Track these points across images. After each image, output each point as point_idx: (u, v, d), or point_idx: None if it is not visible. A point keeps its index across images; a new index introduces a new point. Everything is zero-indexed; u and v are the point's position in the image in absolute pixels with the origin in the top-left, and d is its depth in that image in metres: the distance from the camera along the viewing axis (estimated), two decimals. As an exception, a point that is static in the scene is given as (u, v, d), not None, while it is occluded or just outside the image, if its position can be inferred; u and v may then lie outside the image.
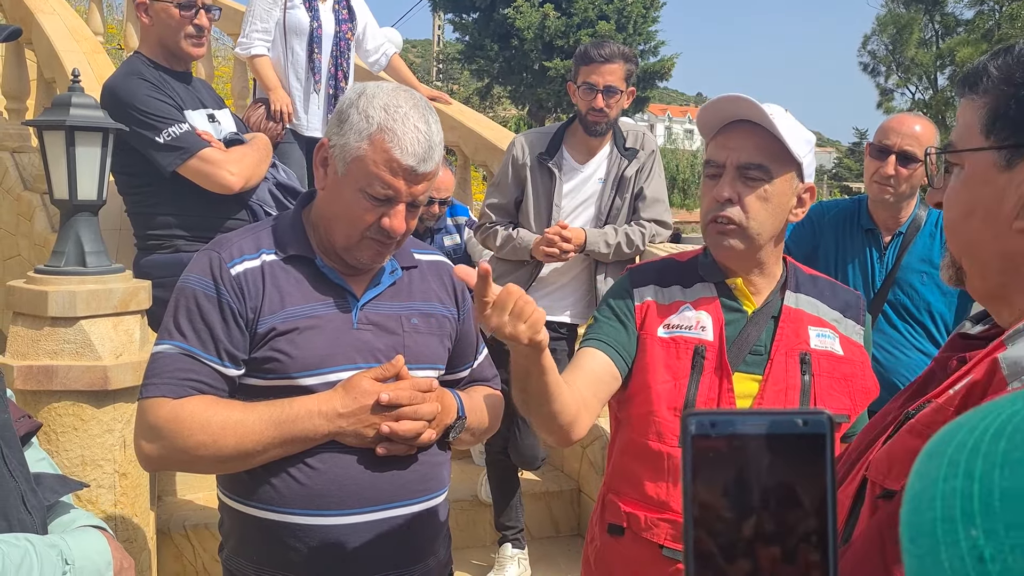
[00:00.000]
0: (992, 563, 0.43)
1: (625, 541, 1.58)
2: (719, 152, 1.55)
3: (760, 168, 1.52)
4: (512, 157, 3.23)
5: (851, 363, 1.59)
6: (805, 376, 1.54)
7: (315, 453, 1.52)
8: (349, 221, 1.55)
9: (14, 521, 1.16)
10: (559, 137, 3.22)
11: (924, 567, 0.46)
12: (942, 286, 2.68)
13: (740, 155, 1.52)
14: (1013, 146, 0.88)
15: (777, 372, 1.54)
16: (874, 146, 2.67)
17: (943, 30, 27.95)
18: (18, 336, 2.51)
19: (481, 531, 3.70)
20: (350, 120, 1.52)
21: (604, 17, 20.11)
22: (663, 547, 1.54)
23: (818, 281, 1.68)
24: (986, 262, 0.94)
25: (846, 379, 1.58)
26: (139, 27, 5.57)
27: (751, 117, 1.52)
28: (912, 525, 0.47)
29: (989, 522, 0.43)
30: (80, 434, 2.48)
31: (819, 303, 1.63)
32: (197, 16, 2.89)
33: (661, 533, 1.54)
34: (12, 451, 1.21)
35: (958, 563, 0.44)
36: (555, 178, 3.17)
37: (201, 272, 1.56)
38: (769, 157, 1.52)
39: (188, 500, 3.44)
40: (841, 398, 1.56)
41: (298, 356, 1.54)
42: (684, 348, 1.56)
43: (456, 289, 1.78)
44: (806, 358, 1.55)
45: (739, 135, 1.53)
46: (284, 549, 1.53)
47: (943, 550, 0.45)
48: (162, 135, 2.76)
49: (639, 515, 1.56)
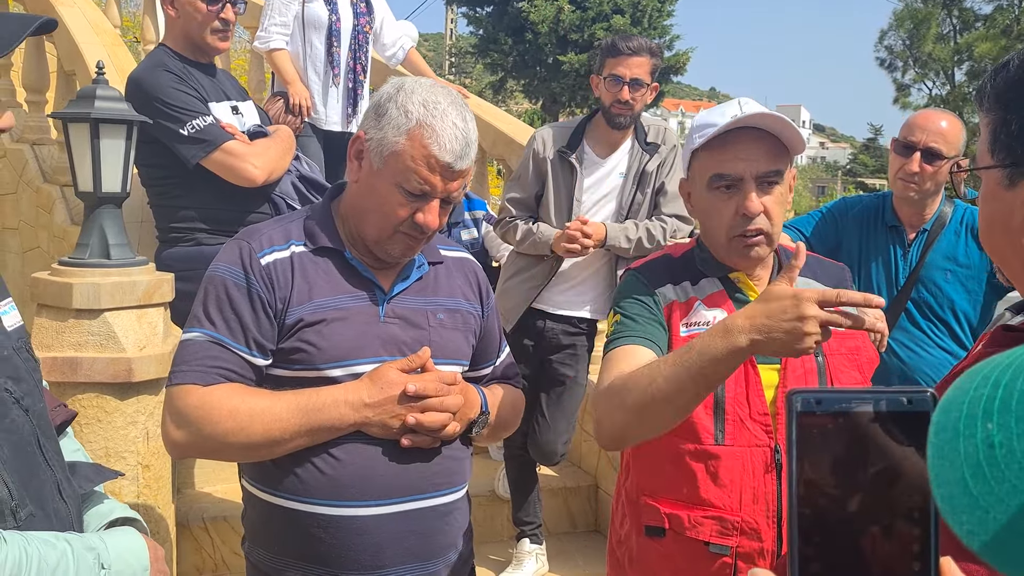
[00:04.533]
0: (1000, 448, 0.51)
1: (667, 542, 1.57)
2: (733, 165, 1.53)
3: (777, 173, 1.55)
4: (533, 151, 3.22)
5: (853, 336, 1.60)
6: (819, 358, 1.56)
7: (339, 444, 1.53)
8: (383, 215, 1.55)
9: (50, 511, 1.16)
10: (580, 131, 3.21)
11: (942, 455, 0.53)
12: (967, 284, 2.66)
13: (758, 165, 1.53)
14: (1012, 165, 0.90)
15: (794, 359, 1.54)
16: (899, 142, 2.65)
17: (961, 25, 27.69)
18: (43, 328, 2.52)
19: (499, 526, 3.71)
20: (388, 114, 1.52)
21: (619, 11, 20.05)
22: (709, 544, 1.53)
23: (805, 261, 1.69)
24: (1014, 269, 0.96)
25: (852, 352, 1.61)
26: (154, 20, 5.64)
27: (768, 128, 1.53)
28: (938, 423, 0.54)
29: (1004, 417, 0.51)
30: (104, 426, 2.49)
31: (813, 282, 1.64)
32: (223, 10, 2.90)
33: (706, 531, 1.53)
34: (48, 440, 1.22)
35: (971, 450, 0.52)
36: (576, 172, 3.16)
37: (231, 261, 1.57)
38: (781, 161, 1.55)
39: (207, 492, 3.46)
40: (852, 372, 1.59)
41: (325, 347, 1.54)
42: None
43: (481, 286, 1.78)
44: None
45: (749, 145, 1.53)
46: (308, 539, 1.54)
47: (961, 441, 0.52)
48: (186, 127, 2.77)
49: (681, 515, 1.55)
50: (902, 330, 2.67)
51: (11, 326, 1.23)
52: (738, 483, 1.52)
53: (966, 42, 26.82)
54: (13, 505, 1.09)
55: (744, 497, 1.51)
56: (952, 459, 0.52)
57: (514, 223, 3.24)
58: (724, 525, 1.52)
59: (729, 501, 1.52)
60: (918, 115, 2.71)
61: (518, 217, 3.25)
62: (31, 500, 1.13)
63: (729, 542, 1.52)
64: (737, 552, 1.52)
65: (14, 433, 1.13)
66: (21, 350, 1.23)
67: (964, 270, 2.65)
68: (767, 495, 1.51)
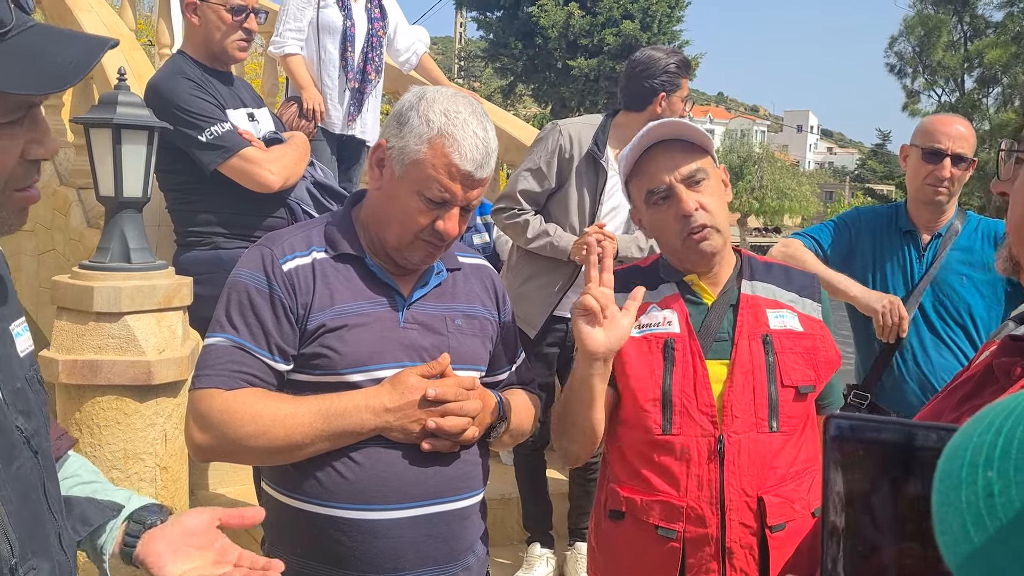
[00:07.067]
0: (999, 497, 0.50)
1: (625, 525, 1.68)
2: (657, 178, 1.70)
3: (700, 170, 1.69)
4: (559, 147, 3.08)
5: (812, 337, 1.71)
6: (769, 357, 1.66)
7: (360, 448, 1.55)
8: (403, 222, 1.57)
9: (54, 563, 1.10)
10: (604, 132, 3.12)
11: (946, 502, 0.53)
12: (982, 290, 2.68)
13: (678, 169, 1.68)
14: None
15: (743, 355, 1.65)
16: (926, 150, 2.68)
17: (972, 32, 27.63)
18: (63, 330, 2.56)
19: (509, 530, 3.72)
20: (410, 123, 1.54)
21: (629, 16, 20.05)
22: (658, 527, 1.63)
23: (772, 268, 1.82)
24: None
25: (808, 352, 1.70)
26: (169, 24, 5.68)
27: (674, 135, 1.69)
28: (943, 470, 0.55)
29: (1003, 465, 0.51)
30: (123, 428, 2.52)
31: (775, 287, 1.76)
32: (247, 20, 2.93)
33: (655, 515, 1.63)
34: (52, 483, 1.15)
35: (972, 498, 0.52)
36: (603, 175, 3.09)
37: (254, 267, 1.59)
38: (696, 158, 1.70)
39: (221, 494, 3.48)
40: (805, 370, 1.68)
41: (346, 353, 1.56)
42: (655, 343, 1.68)
43: (498, 292, 1.80)
44: (768, 339, 1.68)
45: (663, 156, 1.70)
46: (327, 542, 1.56)
47: (963, 489, 0.52)
48: (204, 134, 2.80)
49: (636, 499, 1.66)
50: (917, 333, 2.68)
51: (24, 351, 1.14)
52: (683, 470, 1.61)
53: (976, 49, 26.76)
54: (13, 563, 1.02)
55: (689, 484, 1.61)
56: (955, 506, 0.53)
57: (524, 218, 3.11)
58: (671, 510, 1.62)
59: (677, 488, 1.61)
60: (937, 121, 2.75)
61: (527, 211, 3.12)
62: (34, 553, 1.05)
63: (676, 527, 1.61)
64: (684, 537, 1.61)
65: (21, 480, 1.05)
66: (33, 380, 1.14)
67: (980, 276, 2.68)
68: (711, 482, 1.61)
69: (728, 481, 1.60)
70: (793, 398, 1.66)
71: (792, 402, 1.66)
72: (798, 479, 1.65)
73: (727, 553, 1.59)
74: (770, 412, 1.63)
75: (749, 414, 1.63)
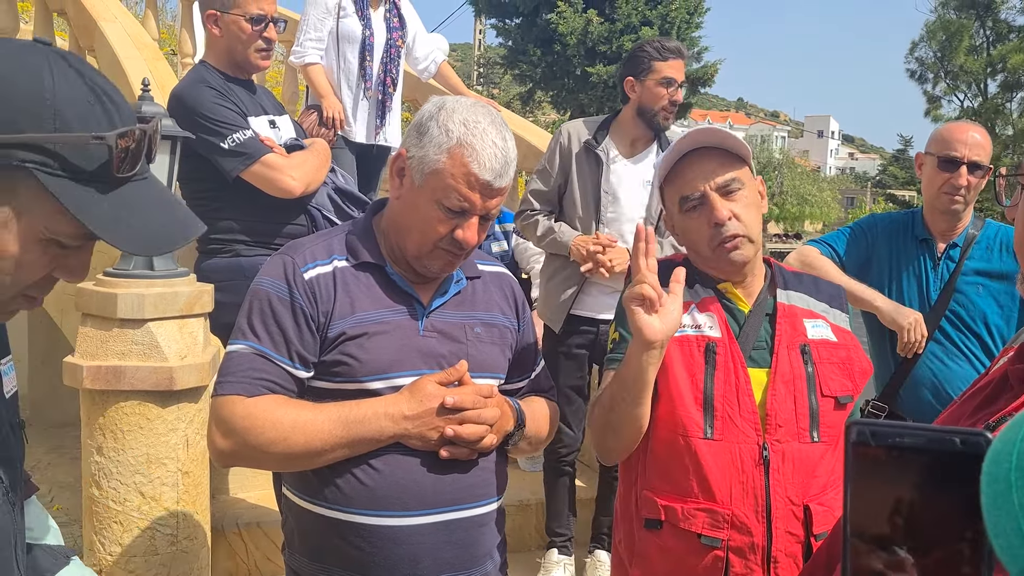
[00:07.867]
0: None
1: (663, 533, 1.64)
2: (692, 185, 1.69)
3: (735, 180, 1.69)
4: (559, 144, 3.24)
5: (846, 347, 1.71)
6: (808, 367, 1.65)
7: (379, 455, 1.56)
8: (422, 231, 1.59)
9: None
10: (606, 127, 3.25)
11: (997, 506, 0.54)
12: (999, 298, 2.67)
13: (714, 178, 1.68)
14: None
15: (783, 364, 1.64)
16: (941, 158, 2.67)
17: (995, 36, 27.40)
18: (87, 337, 2.59)
19: (526, 536, 3.72)
20: (430, 133, 1.56)
21: (648, 23, 20.03)
22: (701, 536, 1.59)
23: (802, 278, 1.81)
24: None
25: (843, 363, 1.69)
26: (192, 34, 5.74)
27: (712, 143, 1.70)
28: (990, 474, 0.56)
29: None
30: (145, 433, 2.55)
31: (808, 297, 1.75)
32: (267, 29, 2.97)
33: (698, 523, 1.60)
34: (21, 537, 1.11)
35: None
36: (602, 165, 3.18)
37: (275, 275, 1.61)
38: (734, 168, 1.70)
39: (241, 499, 3.51)
40: (843, 381, 1.67)
41: (366, 360, 1.58)
42: (696, 345, 1.65)
43: (517, 300, 1.81)
44: (806, 349, 1.67)
45: (700, 163, 1.70)
46: (347, 548, 1.57)
47: (1014, 492, 0.53)
48: (227, 141, 2.83)
49: (676, 507, 1.62)
50: (934, 342, 2.67)
51: (9, 391, 1.10)
52: (727, 477, 1.59)
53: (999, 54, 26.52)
54: None
55: (734, 491, 1.58)
56: (1007, 510, 0.53)
57: (535, 218, 3.23)
58: (715, 518, 1.58)
59: (719, 494, 1.58)
60: (954, 129, 2.73)
61: (540, 211, 3.24)
62: None
63: (720, 535, 1.58)
64: (728, 545, 1.57)
65: None
66: (16, 428, 1.10)
67: (996, 284, 2.67)
68: (756, 489, 1.58)
69: (774, 489, 1.58)
70: (833, 408, 1.65)
71: (832, 412, 1.64)
72: (836, 488, 1.64)
73: (772, 562, 1.57)
74: (811, 422, 1.62)
75: (792, 423, 1.61)
